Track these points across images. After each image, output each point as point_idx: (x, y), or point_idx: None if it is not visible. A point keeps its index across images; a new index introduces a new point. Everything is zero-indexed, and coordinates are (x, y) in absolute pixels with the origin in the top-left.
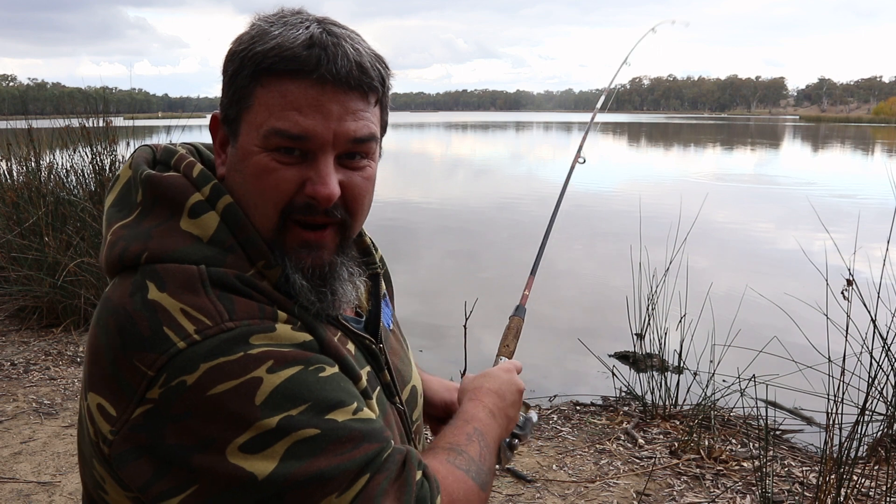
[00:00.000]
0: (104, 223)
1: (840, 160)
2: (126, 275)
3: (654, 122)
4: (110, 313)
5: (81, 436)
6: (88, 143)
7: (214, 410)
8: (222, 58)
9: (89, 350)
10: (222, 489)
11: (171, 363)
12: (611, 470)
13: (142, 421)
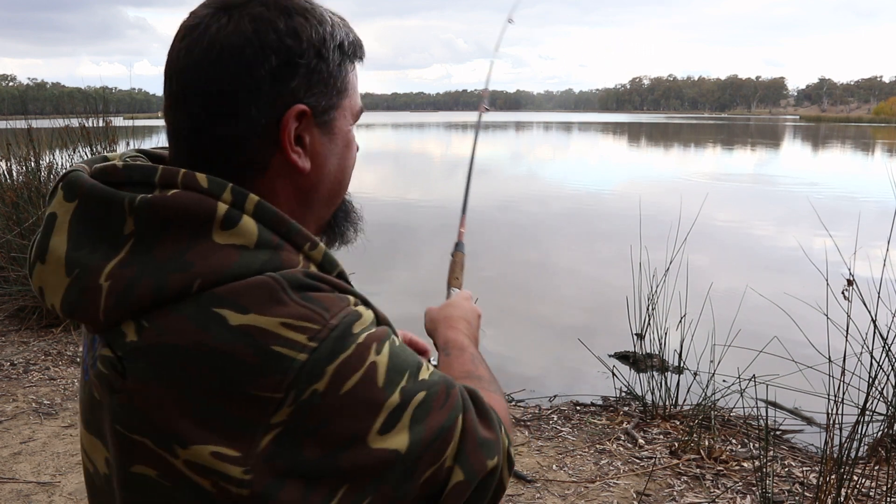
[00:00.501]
0: (64, 271)
1: (840, 160)
2: (164, 313)
3: (654, 122)
4: (187, 358)
5: (135, 490)
6: (88, 143)
7: (349, 407)
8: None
9: (165, 412)
10: (373, 476)
11: (298, 378)
12: (611, 470)
13: (274, 448)
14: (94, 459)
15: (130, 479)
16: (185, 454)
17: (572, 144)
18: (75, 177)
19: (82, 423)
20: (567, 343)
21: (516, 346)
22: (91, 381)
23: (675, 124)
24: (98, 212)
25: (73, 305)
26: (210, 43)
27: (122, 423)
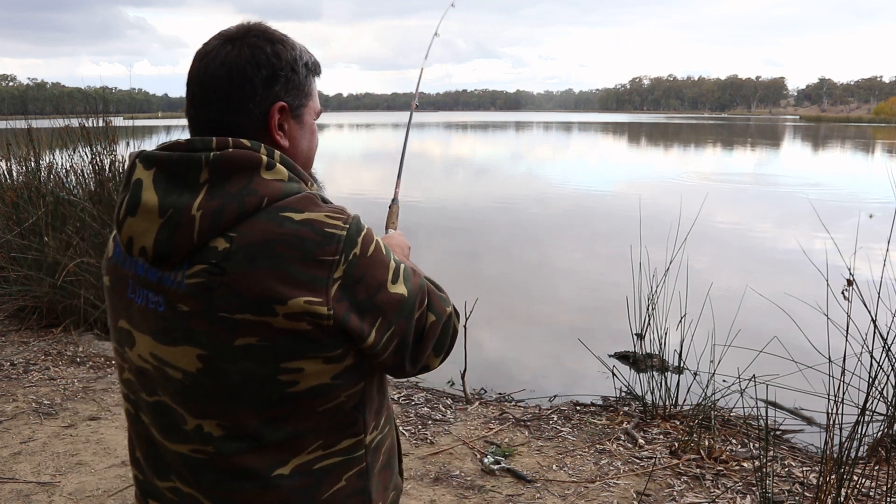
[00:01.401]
0: (157, 215)
1: (840, 160)
2: (251, 221)
3: (654, 122)
4: (273, 246)
5: (232, 354)
6: (88, 143)
7: (373, 264)
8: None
9: (264, 283)
10: (395, 310)
11: (345, 245)
12: (611, 470)
13: (339, 293)
14: (180, 365)
15: (235, 353)
16: (283, 310)
17: (572, 144)
18: (147, 153)
19: (159, 344)
20: (567, 343)
21: (516, 346)
22: (177, 298)
23: (675, 124)
24: (178, 169)
25: (166, 239)
26: (221, 62)
27: (226, 310)
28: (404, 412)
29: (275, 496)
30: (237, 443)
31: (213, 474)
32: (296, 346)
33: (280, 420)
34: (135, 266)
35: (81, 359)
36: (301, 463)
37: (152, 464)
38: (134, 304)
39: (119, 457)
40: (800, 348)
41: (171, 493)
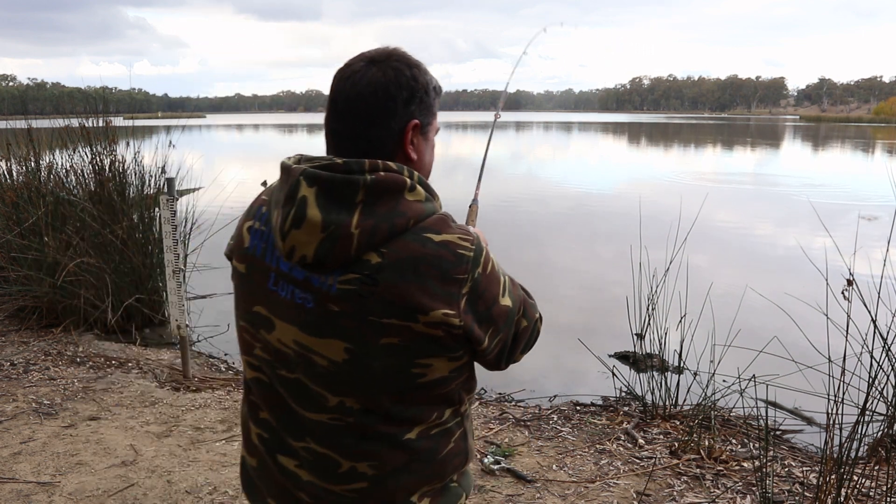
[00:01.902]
0: (319, 230)
1: (840, 160)
2: (400, 240)
3: (654, 122)
4: (418, 264)
5: (381, 355)
6: (88, 143)
7: (491, 282)
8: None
9: (410, 296)
10: (504, 320)
11: (472, 265)
12: (611, 470)
13: (466, 306)
14: (327, 355)
15: (379, 349)
16: (424, 318)
17: (572, 144)
18: (310, 172)
19: (305, 335)
20: (567, 343)
21: None
22: (327, 299)
23: (675, 124)
24: (339, 190)
25: (326, 251)
26: (367, 82)
27: (375, 315)
28: None
29: (406, 455)
30: (373, 416)
31: (351, 438)
32: (429, 347)
33: (408, 402)
34: (278, 262)
35: (81, 359)
36: (422, 430)
37: (285, 426)
38: (277, 296)
39: (119, 457)
40: (800, 348)
41: (305, 451)
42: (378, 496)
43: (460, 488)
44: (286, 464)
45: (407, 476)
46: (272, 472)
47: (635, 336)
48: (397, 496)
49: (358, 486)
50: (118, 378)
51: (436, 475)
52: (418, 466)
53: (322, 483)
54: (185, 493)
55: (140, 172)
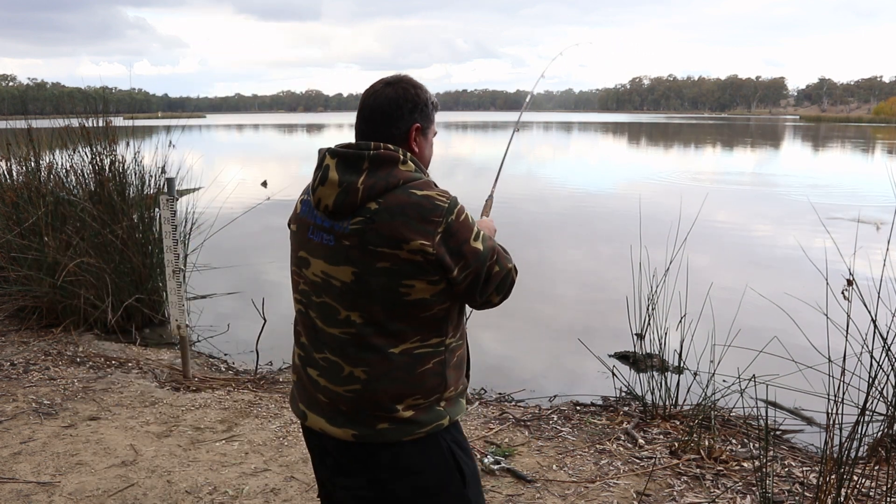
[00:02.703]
0: (336, 185)
1: (840, 160)
2: (391, 193)
3: (654, 122)
4: (404, 208)
5: (376, 275)
6: (88, 143)
7: (463, 227)
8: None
9: (397, 230)
10: (472, 259)
11: (446, 213)
12: (611, 470)
13: (440, 240)
14: (341, 277)
15: (376, 271)
16: (407, 247)
17: (572, 144)
18: (332, 149)
19: (327, 265)
20: (567, 343)
21: (516, 346)
22: (342, 237)
23: (675, 124)
24: (350, 160)
25: (341, 201)
26: (384, 97)
27: (372, 245)
28: None
29: (389, 365)
30: (370, 328)
31: (353, 348)
32: (412, 270)
33: (396, 318)
34: (314, 218)
35: (81, 359)
36: (406, 348)
37: (312, 342)
38: (312, 241)
39: (119, 457)
40: (800, 348)
41: (323, 361)
42: (367, 397)
43: (444, 412)
44: (312, 374)
45: (388, 383)
46: (304, 383)
47: (635, 336)
48: (382, 400)
49: (354, 388)
50: (118, 378)
51: (415, 389)
52: (398, 375)
53: (332, 386)
54: (185, 493)
55: (140, 172)
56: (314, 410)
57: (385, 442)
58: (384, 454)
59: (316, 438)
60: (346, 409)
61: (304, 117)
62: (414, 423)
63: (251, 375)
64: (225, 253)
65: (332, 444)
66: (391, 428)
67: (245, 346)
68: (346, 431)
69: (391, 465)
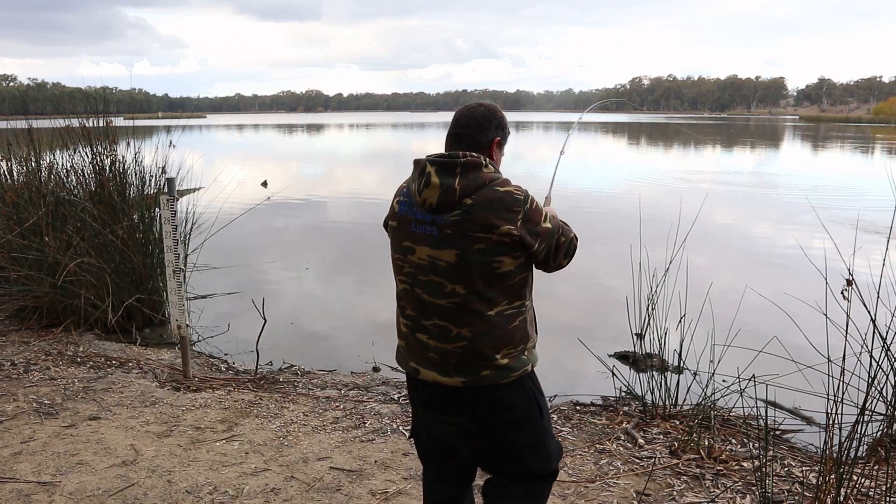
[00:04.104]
0: (438, 186)
1: (840, 160)
2: (481, 191)
3: (654, 122)
4: (492, 202)
5: (475, 255)
6: (89, 143)
7: (535, 212)
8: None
9: (488, 219)
10: (545, 236)
11: (522, 203)
12: (611, 470)
13: (521, 225)
14: (446, 259)
15: (474, 251)
16: (497, 232)
17: (572, 144)
18: (431, 159)
19: (433, 250)
20: (567, 343)
21: None
22: (444, 227)
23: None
24: (447, 166)
25: (441, 199)
26: (478, 112)
27: (470, 230)
28: (404, 412)
29: (488, 324)
30: (472, 297)
31: (458, 314)
32: (501, 249)
33: (490, 287)
34: (415, 214)
35: (82, 359)
36: (499, 310)
37: (420, 312)
38: (416, 233)
39: (119, 456)
40: (799, 348)
41: (433, 326)
42: (473, 351)
43: (528, 360)
44: (421, 338)
45: (489, 338)
46: (414, 345)
47: (635, 336)
48: (485, 351)
49: (461, 345)
50: (118, 378)
51: (508, 341)
52: (495, 331)
53: (441, 344)
54: (186, 492)
55: (140, 172)
56: (425, 366)
57: (486, 385)
58: (484, 395)
59: (425, 388)
60: (455, 361)
61: (304, 117)
62: (508, 368)
63: (251, 375)
64: (225, 253)
65: (441, 391)
66: (492, 374)
67: (245, 346)
68: (455, 380)
69: (489, 402)
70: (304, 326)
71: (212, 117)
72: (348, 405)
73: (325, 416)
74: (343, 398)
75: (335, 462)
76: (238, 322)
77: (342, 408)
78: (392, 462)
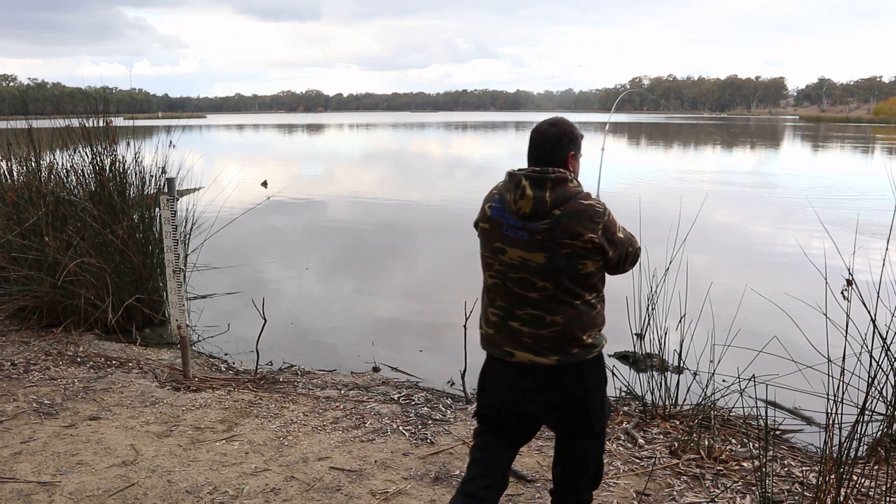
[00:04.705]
0: (531, 197)
1: (840, 160)
2: (568, 203)
3: (654, 122)
4: (578, 213)
5: (562, 258)
6: (89, 143)
7: (612, 223)
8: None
9: (574, 229)
10: (619, 245)
11: (602, 215)
12: (611, 470)
13: (601, 234)
14: (536, 260)
15: (561, 255)
16: (582, 239)
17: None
18: (525, 173)
19: (524, 252)
20: None
21: None
22: (535, 233)
23: (675, 124)
24: (539, 180)
25: (534, 209)
26: (550, 133)
27: (558, 237)
28: (404, 412)
29: (576, 312)
30: (560, 291)
31: (550, 304)
32: (585, 253)
33: (576, 283)
34: (507, 219)
35: (82, 359)
36: (584, 300)
37: (511, 303)
38: (508, 236)
39: (119, 456)
40: (799, 348)
41: (525, 315)
42: (566, 334)
43: (602, 339)
44: (513, 325)
45: (578, 323)
46: (506, 333)
47: (635, 336)
48: (575, 334)
49: (555, 329)
50: (118, 378)
51: (592, 324)
52: (583, 318)
53: (535, 330)
54: (186, 492)
55: (140, 172)
56: (519, 349)
57: (575, 362)
58: (571, 370)
59: (517, 369)
60: (547, 344)
61: (304, 117)
62: (592, 346)
63: (251, 375)
64: (225, 253)
65: (534, 370)
66: (580, 352)
67: (245, 346)
68: (550, 359)
69: (575, 376)
70: (304, 326)
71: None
72: (348, 405)
73: (325, 416)
74: (343, 398)
75: (335, 462)
76: (238, 322)
77: (342, 408)
78: (392, 462)
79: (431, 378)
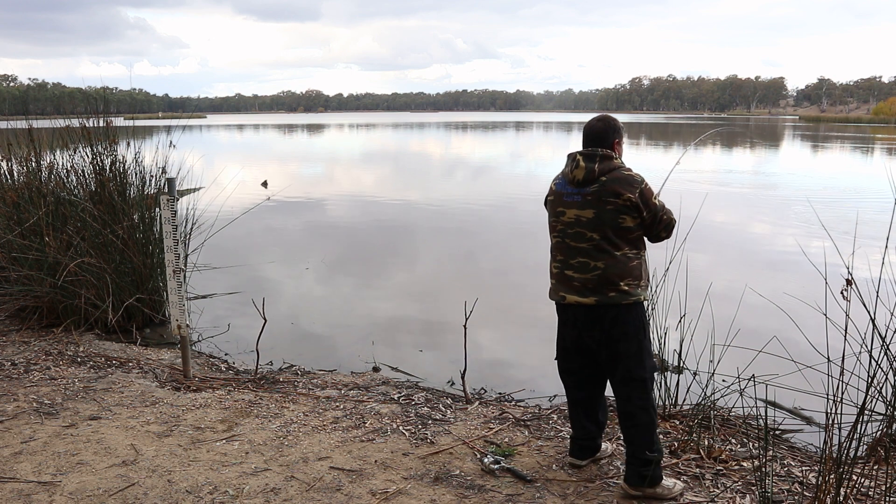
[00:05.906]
0: (584, 167)
1: (839, 160)
2: (612, 173)
3: (654, 122)
4: (620, 179)
5: (607, 213)
6: (89, 143)
7: (649, 191)
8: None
9: (617, 190)
10: (653, 208)
11: (639, 183)
12: (611, 469)
13: (638, 196)
14: (587, 216)
15: (606, 211)
16: (623, 198)
17: (572, 144)
18: (580, 152)
19: (578, 210)
20: None
21: (516, 346)
22: (586, 195)
23: (674, 124)
24: (590, 156)
25: (585, 177)
26: (599, 127)
27: (604, 197)
28: (404, 412)
29: (615, 260)
30: (604, 241)
31: (595, 252)
32: (625, 210)
33: (617, 236)
34: (566, 189)
35: (82, 358)
36: (623, 252)
37: (567, 255)
38: (567, 200)
39: (119, 456)
40: (799, 348)
41: (576, 263)
42: (605, 278)
43: (641, 292)
44: (568, 273)
45: (616, 270)
46: (563, 280)
47: None
48: (612, 279)
49: (596, 273)
50: (119, 378)
51: (629, 273)
52: (620, 266)
53: (582, 275)
54: (186, 492)
55: (141, 172)
56: (570, 292)
57: (612, 304)
58: (610, 311)
59: (571, 310)
60: (591, 286)
61: (304, 117)
62: (628, 293)
63: (251, 375)
64: (225, 253)
65: (580, 309)
66: (616, 295)
67: (245, 346)
68: (590, 299)
69: (612, 318)
70: (304, 326)
71: (212, 117)
72: (348, 405)
73: (325, 416)
74: (343, 398)
75: (335, 462)
76: (238, 322)
77: (342, 408)
78: (392, 462)
79: (431, 378)
